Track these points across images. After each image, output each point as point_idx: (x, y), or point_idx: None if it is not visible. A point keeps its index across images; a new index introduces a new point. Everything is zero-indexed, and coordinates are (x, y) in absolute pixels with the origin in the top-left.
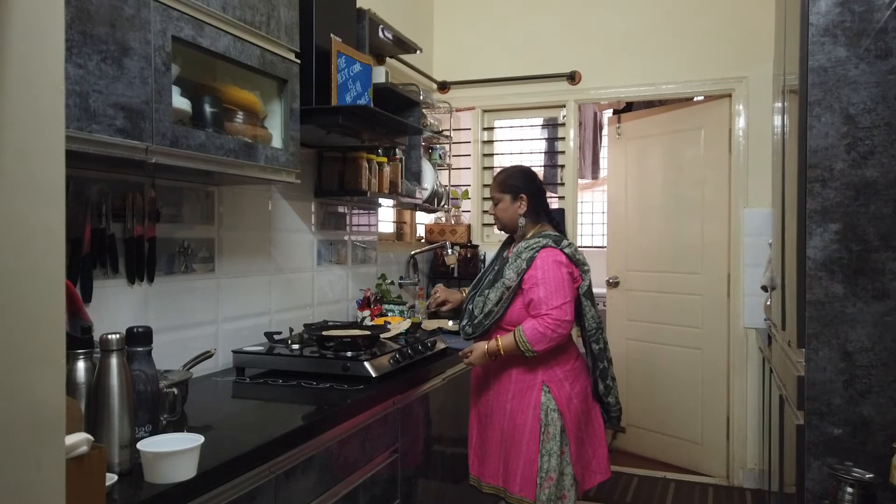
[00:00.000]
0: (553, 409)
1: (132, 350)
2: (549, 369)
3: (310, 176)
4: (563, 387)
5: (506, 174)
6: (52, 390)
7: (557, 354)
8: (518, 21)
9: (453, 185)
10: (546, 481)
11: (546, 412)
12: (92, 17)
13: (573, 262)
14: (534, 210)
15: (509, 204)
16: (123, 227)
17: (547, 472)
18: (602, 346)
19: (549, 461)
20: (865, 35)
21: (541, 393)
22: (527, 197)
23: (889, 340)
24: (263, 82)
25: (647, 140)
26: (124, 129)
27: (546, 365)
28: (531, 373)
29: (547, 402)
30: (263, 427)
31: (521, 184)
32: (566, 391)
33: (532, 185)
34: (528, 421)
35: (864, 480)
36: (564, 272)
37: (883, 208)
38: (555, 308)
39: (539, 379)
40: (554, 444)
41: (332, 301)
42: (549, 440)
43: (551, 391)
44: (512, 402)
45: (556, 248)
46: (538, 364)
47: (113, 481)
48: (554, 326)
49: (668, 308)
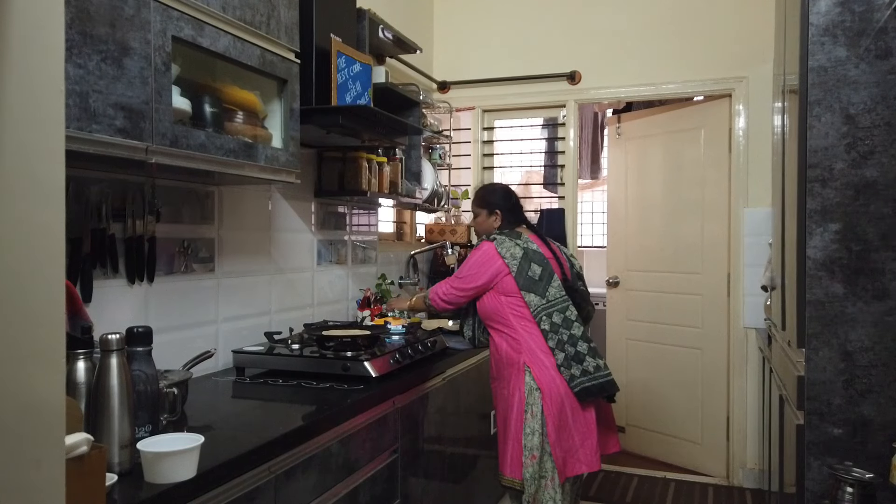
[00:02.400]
0: (535, 388)
1: (132, 350)
2: (531, 352)
3: (310, 176)
4: (544, 368)
5: (485, 191)
6: (52, 390)
7: (537, 339)
8: (518, 21)
9: (453, 185)
10: (530, 459)
11: (529, 391)
12: (92, 17)
13: (499, 254)
14: (508, 223)
15: (486, 218)
16: (123, 227)
17: (530, 450)
18: (546, 327)
19: (532, 440)
20: (865, 35)
21: (524, 373)
22: (501, 213)
23: (889, 340)
24: (263, 82)
25: (647, 140)
26: (124, 129)
27: (528, 348)
28: (516, 356)
29: (530, 382)
30: (263, 427)
31: (498, 200)
32: (548, 373)
33: (508, 201)
34: (514, 402)
35: (864, 480)
36: (479, 258)
37: (883, 208)
38: (456, 278)
39: (522, 360)
40: (536, 423)
41: (332, 301)
42: (532, 419)
43: (532, 371)
44: (506, 386)
45: (489, 240)
46: (522, 348)
47: (113, 481)
48: (449, 289)
49: (668, 308)
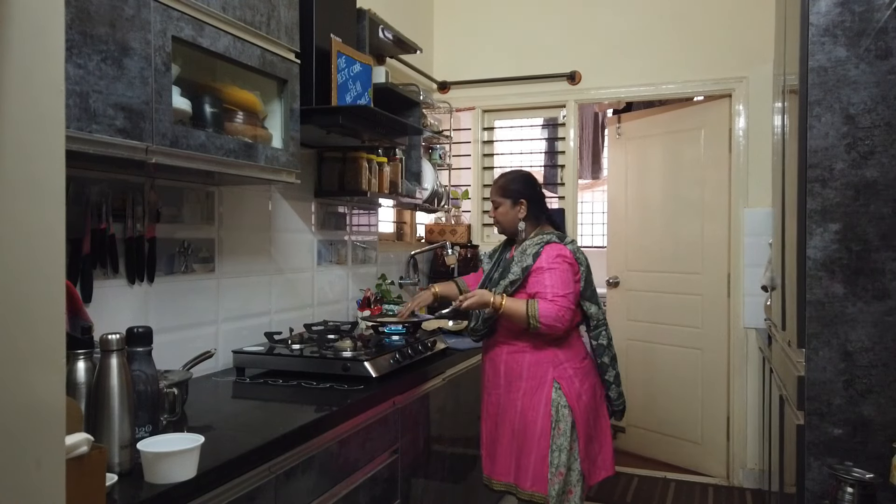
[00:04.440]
0: (564, 405)
1: (132, 350)
2: (560, 366)
3: (310, 176)
4: (573, 383)
5: (506, 179)
6: (52, 390)
7: (568, 352)
8: (518, 21)
9: (453, 185)
10: (556, 476)
11: (557, 408)
12: (92, 17)
13: (576, 261)
14: (533, 214)
15: (509, 208)
16: (123, 227)
17: (557, 467)
18: (605, 342)
19: (559, 456)
20: (865, 35)
21: (552, 389)
22: (526, 202)
23: (889, 340)
24: (263, 82)
25: (647, 140)
26: (124, 130)
27: (557, 362)
28: (542, 370)
29: (558, 399)
30: (263, 427)
31: (522, 188)
32: (576, 388)
33: (532, 189)
34: (539, 417)
35: (864, 480)
36: (567, 266)
37: (883, 208)
38: (561, 296)
39: (550, 376)
40: (564, 440)
41: (332, 301)
42: (560, 436)
43: (562, 387)
44: (523, 399)
45: (560, 243)
46: (549, 362)
47: (113, 481)
48: (562, 311)
49: (668, 308)
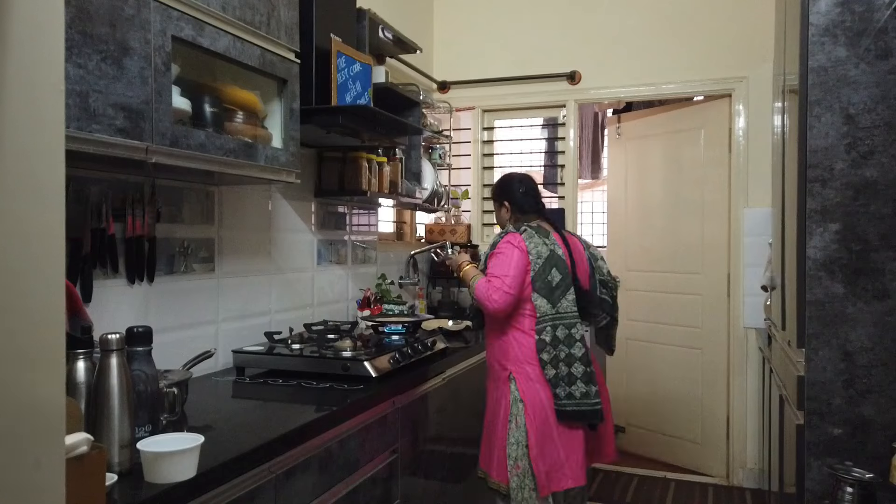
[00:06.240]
0: (518, 399)
1: (132, 350)
2: (518, 363)
3: (310, 176)
4: (528, 380)
5: (498, 182)
6: (52, 390)
7: (528, 351)
8: (518, 21)
9: (453, 185)
10: (514, 469)
11: (514, 401)
12: (92, 17)
13: (527, 250)
14: (517, 212)
15: (498, 210)
16: (123, 227)
17: (515, 460)
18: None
19: (516, 450)
20: (865, 35)
21: (509, 382)
22: (508, 203)
23: (889, 340)
24: (263, 82)
25: (647, 140)
26: (124, 129)
27: (516, 358)
28: (509, 363)
29: (514, 392)
30: (263, 427)
31: (500, 191)
32: (532, 386)
33: (517, 192)
34: (501, 409)
35: (864, 480)
36: (511, 251)
37: (883, 208)
38: (496, 276)
39: (508, 369)
40: (520, 435)
41: (332, 301)
42: (517, 430)
43: (517, 381)
44: (494, 390)
45: (517, 233)
46: (514, 356)
47: (113, 481)
48: (492, 291)
49: (668, 308)
